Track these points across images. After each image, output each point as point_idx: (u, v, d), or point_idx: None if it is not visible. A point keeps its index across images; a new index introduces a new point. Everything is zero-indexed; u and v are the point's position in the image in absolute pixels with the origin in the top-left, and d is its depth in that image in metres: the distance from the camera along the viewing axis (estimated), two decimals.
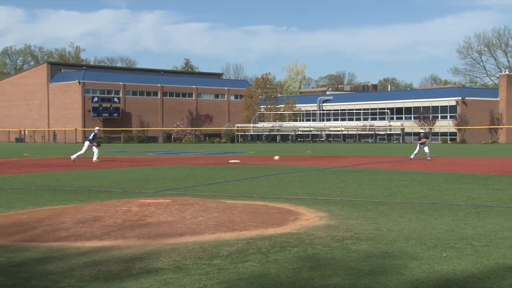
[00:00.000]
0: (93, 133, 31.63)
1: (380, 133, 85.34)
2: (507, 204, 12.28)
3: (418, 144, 31.72)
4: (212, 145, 74.31)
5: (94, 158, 29.71)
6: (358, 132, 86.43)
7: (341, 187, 15.92)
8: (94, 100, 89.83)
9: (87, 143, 30.85)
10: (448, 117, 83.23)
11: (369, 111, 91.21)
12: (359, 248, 7.57)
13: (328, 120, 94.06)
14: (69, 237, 8.25)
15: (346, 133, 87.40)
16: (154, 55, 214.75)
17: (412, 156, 31.05)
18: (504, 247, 7.63)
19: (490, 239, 8.15)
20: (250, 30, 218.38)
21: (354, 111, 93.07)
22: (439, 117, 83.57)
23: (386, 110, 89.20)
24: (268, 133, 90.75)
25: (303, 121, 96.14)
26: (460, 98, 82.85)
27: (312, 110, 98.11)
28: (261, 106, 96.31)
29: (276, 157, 29.70)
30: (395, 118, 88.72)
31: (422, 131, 34.07)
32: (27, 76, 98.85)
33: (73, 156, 30.10)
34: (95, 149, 30.19)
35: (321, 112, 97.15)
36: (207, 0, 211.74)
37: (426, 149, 30.92)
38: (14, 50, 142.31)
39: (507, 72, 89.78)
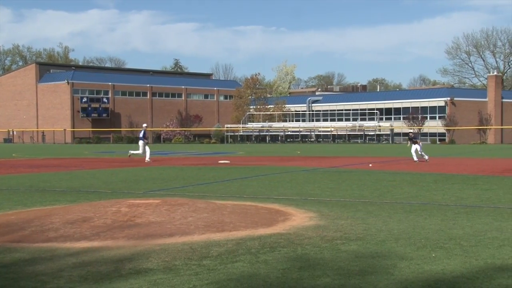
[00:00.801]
0: (142, 131, 31.37)
1: (369, 133, 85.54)
2: (496, 204, 12.34)
3: (412, 145, 30.16)
4: (201, 145, 74.23)
5: (147, 158, 29.55)
6: (348, 133, 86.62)
7: (331, 188, 15.94)
8: (83, 100, 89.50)
9: (141, 142, 30.55)
10: (437, 117, 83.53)
11: (359, 111, 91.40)
12: (348, 248, 7.59)
13: (317, 120, 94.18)
14: (58, 238, 8.22)
15: (336, 133, 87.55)
16: (143, 55, 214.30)
17: (417, 158, 28.96)
18: (493, 247, 7.67)
19: (479, 239, 8.19)
20: (239, 30, 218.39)
21: (344, 111, 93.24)
22: (428, 118, 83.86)
23: (375, 111, 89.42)
24: (258, 133, 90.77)
25: (292, 121, 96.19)
26: (449, 98, 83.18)
27: (302, 111, 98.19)
28: (251, 107, 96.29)
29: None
30: (384, 119, 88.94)
31: (411, 131, 32.30)
32: (16, 76, 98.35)
33: (132, 152, 30.11)
34: (147, 149, 29.97)
35: (311, 112, 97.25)
36: (196, 0, 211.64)
37: (418, 148, 29.77)
38: (2, 50, 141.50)
39: (495, 73, 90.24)
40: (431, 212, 11.02)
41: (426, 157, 29.30)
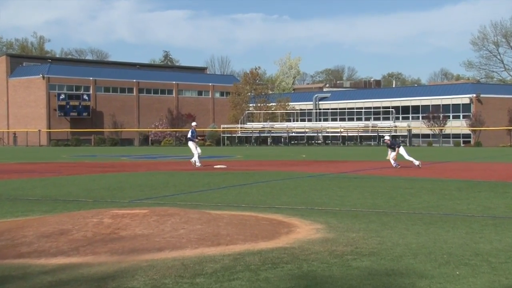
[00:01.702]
0: (191, 130, 31.32)
1: (384, 134, 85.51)
2: None
3: (390, 151, 29.79)
4: None
5: (194, 160, 29.51)
6: (359, 134, 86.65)
7: (340, 196, 15.93)
8: (61, 97, 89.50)
9: (191, 143, 30.52)
10: (461, 116, 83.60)
11: (372, 110, 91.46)
12: (360, 264, 7.57)
13: (325, 120, 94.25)
14: (31, 253, 8.20)
15: (346, 134, 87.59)
16: (129, 47, 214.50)
17: (395, 164, 28.78)
18: None
19: (510, 255, 8.17)
20: (236, 19, 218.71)
21: (355, 110, 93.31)
22: (451, 117, 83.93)
23: (390, 109, 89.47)
24: (258, 134, 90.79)
25: (297, 121, 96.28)
26: (474, 95, 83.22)
27: (308, 109, 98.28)
28: (250, 105, 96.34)
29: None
30: (400, 118, 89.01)
31: (387, 137, 31.66)
32: None
33: (197, 163, 29.79)
34: (198, 149, 29.92)
35: (318, 111, 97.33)
36: None
37: (404, 155, 29.25)
38: None
39: None
40: (455, 224, 11.00)
41: (417, 162, 28.49)
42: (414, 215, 12.24)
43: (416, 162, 28.48)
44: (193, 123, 32.32)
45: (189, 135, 31.04)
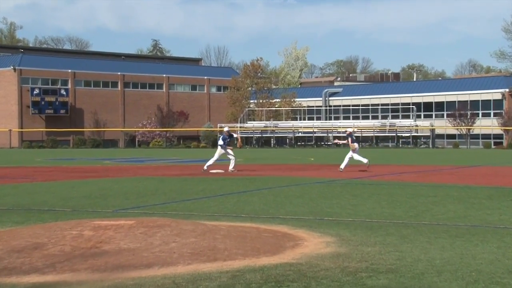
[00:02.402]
0: (222, 135, 31.30)
1: (403, 135, 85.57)
2: None
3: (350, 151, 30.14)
4: (188, 150, 74.25)
5: (230, 167, 29.52)
6: (375, 134, 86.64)
7: (353, 205, 15.94)
8: (35, 92, 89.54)
9: (219, 148, 30.48)
10: (492, 114, 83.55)
11: (389, 107, 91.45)
12: (377, 283, 7.58)
13: (336, 118, 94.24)
14: (0, 271, 8.20)
15: (360, 135, 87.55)
16: (113, 35, 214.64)
17: (342, 167, 29.62)
18: None
19: None
20: (235, 3, 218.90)
21: (370, 107, 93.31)
22: (480, 115, 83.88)
23: (411, 106, 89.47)
24: (260, 135, 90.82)
25: (304, 120, 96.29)
26: (507, 90, 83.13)
27: (316, 106, 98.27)
28: (251, 101, 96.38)
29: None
30: (422, 116, 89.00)
31: (349, 129, 32.07)
32: None
33: (207, 165, 29.88)
34: (231, 156, 29.85)
35: (328, 108, 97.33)
36: None
37: (355, 156, 29.88)
38: None
39: None
40: (484, 237, 11.01)
41: (342, 166, 29.55)
42: (438, 226, 12.24)
43: (342, 166, 29.55)
44: (226, 128, 32.22)
45: (220, 142, 30.85)
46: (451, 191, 19.61)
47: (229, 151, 30.10)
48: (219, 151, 30.38)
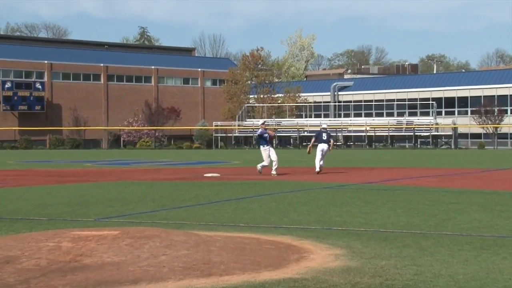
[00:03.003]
0: (260, 131, 30.95)
1: (422, 134, 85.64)
2: None
3: (319, 152, 30.60)
4: (179, 151, 74.27)
5: (273, 171, 29.44)
6: (390, 133, 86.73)
7: (365, 213, 15.95)
8: (6, 86, 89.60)
9: (261, 148, 30.24)
10: None
11: (406, 103, 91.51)
12: None
13: (346, 115, 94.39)
14: None
15: (373, 134, 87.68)
16: (95, 22, 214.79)
17: (318, 169, 30.30)
18: None
19: None
20: None
21: (384, 103, 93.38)
22: (509, 112, 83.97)
23: (430, 102, 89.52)
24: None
25: (310, 117, 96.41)
26: None
27: (324, 102, 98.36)
28: (250, 96, 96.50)
29: None
30: (443, 113, 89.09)
31: (324, 125, 32.41)
32: None
33: (260, 166, 30.05)
34: (273, 156, 29.54)
35: (337, 104, 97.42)
36: None
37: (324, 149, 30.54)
38: None
39: None
40: None
41: (317, 169, 30.39)
42: (461, 237, 12.24)
43: (317, 166, 30.26)
44: (260, 122, 31.93)
45: (262, 140, 30.47)
46: (476, 197, 19.60)
47: (272, 152, 29.76)
48: (265, 152, 29.69)
